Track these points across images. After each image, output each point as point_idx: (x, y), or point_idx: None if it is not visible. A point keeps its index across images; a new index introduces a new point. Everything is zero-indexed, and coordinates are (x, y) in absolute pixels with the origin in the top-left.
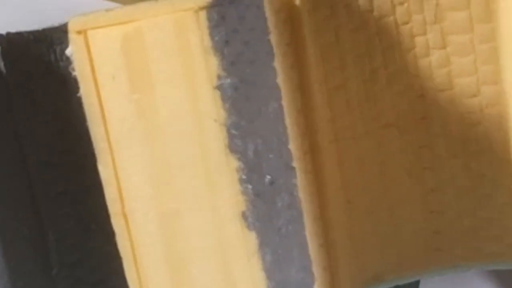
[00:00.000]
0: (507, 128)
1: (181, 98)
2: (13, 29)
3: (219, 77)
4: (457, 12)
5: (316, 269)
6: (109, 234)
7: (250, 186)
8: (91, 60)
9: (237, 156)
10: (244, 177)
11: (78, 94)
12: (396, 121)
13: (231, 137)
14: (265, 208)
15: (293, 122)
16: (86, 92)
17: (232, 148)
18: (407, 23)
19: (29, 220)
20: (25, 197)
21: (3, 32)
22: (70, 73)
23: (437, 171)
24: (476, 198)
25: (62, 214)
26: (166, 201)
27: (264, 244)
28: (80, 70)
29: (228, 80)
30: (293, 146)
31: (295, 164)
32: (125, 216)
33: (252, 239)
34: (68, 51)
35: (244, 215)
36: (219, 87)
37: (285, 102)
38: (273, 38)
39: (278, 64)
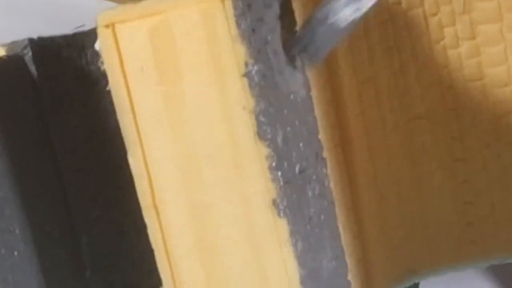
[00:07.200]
0: None
1: (209, 87)
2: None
3: (246, 65)
4: (485, 2)
5: (350, 260)
6: (142, 235)
7: (279, 173)
8: (119, 53)
9: (266, 143)
10: (273, 164)
11: (107, 88)
12: (426, 113)
13: (260, 124)
14: (296, 196)
15: (322, 113)
16: (115, 85)
17: (261, 135)
18: (435, 14)
19: (61, 224)
20: (58, 201)
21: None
22: (102, 77)
23: (469, 162)
24: (509, 188)
25: (94, 217)
26: (195, 191)
27: (295, 232)
28: (109, 63)
29: (256, 67)
30: (323, 136)
31: (325, 154)
32: (156, 207)
33: (283, 226)
34: (96, 45)
35: (274, 203)
36: (247, 75)
37: (314, 93)
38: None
39: None
